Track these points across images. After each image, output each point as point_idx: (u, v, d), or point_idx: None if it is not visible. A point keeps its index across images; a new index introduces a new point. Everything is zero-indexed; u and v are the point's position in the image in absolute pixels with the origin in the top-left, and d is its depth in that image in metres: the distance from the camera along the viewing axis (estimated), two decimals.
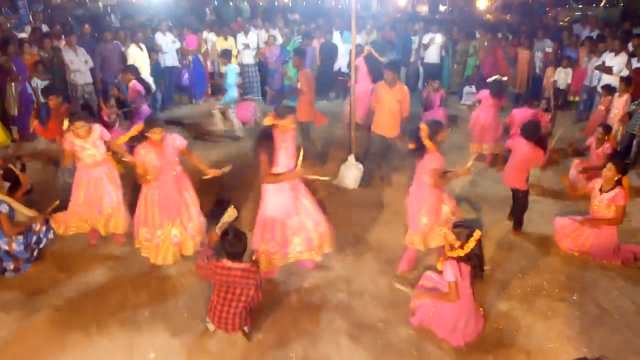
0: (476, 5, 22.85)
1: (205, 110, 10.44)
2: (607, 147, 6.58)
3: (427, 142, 4.56)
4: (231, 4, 17.09)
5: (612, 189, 5.08)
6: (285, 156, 4.47)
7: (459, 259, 3.89)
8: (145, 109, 7.10)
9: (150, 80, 9.37)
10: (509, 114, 7.63)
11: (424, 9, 19.93)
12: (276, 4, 18.48)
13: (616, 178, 5.07)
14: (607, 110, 8.17)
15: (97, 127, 5.11)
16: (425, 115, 9.03)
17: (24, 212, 4.97)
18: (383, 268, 5.05)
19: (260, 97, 10.90)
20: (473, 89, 10.94)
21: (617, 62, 8.76)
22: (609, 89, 8.27)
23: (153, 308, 4.46)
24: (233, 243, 3.79)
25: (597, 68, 9.13)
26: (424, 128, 4.56)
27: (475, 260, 3.89)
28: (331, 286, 4.78)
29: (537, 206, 6.27)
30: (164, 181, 4.80)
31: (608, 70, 8.81)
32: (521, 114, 7.26)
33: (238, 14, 14.80)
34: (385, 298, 4.62)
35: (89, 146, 5.02)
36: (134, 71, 7.17)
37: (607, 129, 6.67)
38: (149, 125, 4.67)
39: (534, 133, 5.40)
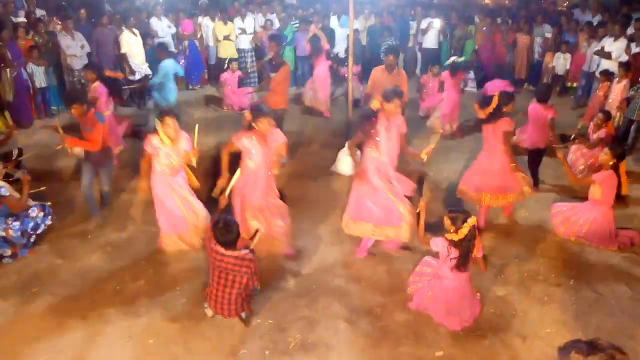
0: None
1: (201, 95, 10.39)
2: (602, 131, 6.58)
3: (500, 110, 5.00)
4: None
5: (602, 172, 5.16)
6: (388, 143, 4.46)
7: (452, 243, 3.92)
8: (106, 114, 6.04)
9: (145, 66, 9.31)
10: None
11: None
12: None
13: (611, 163, 5.09)
14: (606, 96, 8.14)
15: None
16: (424, 101, 9.00)
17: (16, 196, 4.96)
18: (380, 254, 5.06)
19: (257, 83, 10.82)
20: (471, 74, 10.89)
21: (616, 47, 8.70)
22: (607, 75, 8.24)
23: (151, 294, 4.47)
24: (223, 232, 3.74)
25: (596, 53, 9.08)
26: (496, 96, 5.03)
27: (465, 247, 3.90)
28: (329, 271, 4.80)
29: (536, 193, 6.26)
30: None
31: (607, 56, 8.76)
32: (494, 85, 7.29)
33: None
34: (382, 283, 4.64)
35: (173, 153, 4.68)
36: (98, 70, 6.67)
37: (607, 115, 6.68)
38: (256, 115, 4.46)
39: (546, 95, 6.21)
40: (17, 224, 4.80)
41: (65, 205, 5.80)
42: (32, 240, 5.00)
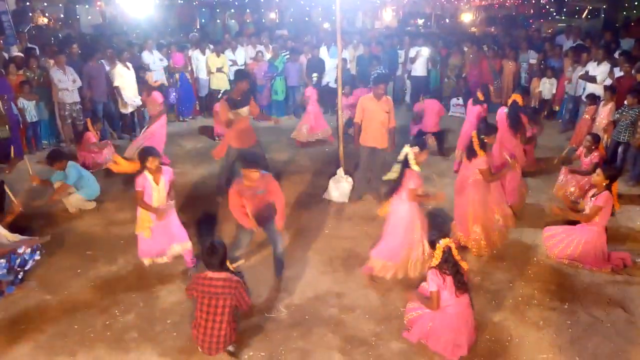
0: (461, 18, 23.19)
1: (193, 127, 10.45)
2: (594, 156, 6.67)
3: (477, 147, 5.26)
4: (218, 21, 17.24)
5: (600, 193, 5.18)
6: None
7: (439, 268, 3.90)
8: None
9: (138, 98, 9.38)
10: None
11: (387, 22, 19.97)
12: (263, 20, 18.61)
13: (604, 184, 5.14)
14: (593, 119, 8.27)
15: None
16: (414, 126, 9.05)
17: (8, 237, 4.91)
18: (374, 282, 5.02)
19: None
20: (460, 100, 11.05)
21: (600, 71, 8.90)
22: (594, 98, 8.39)
23: (141, 328, 4.38)
24: (210, 253, 3.77)
25: (581, 77, 9.27)
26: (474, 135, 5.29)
27: (451, 269, 3.90)
28: (322, 301, 4.74)
29: (525, 215, 6.29)
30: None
31: (592, 80, 8.94)
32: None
33: (226, 31, 14.91)
34: (377, 312, 4.58)
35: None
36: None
37: (596, 138, 6.80)
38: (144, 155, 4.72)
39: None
40: (3, 261, 4.71)
41: (54, 240, 5.73)
42: (19, 277, 4.91)
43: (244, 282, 3.91)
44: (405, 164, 4.88)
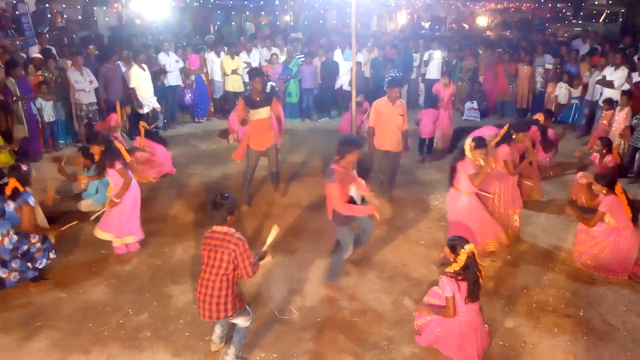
0: (476, 22, 23.07)
1: (207, 128, 10.52)
2: (609, 160, 6.59)
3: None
4: (234, 23, 17.36)
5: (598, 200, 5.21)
6: None
7: (456, 274, 3.87)
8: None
9: (154, 99, 9.51)
10: None
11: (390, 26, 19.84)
12: (278, 23, 18.70)
13: (604, 191, 5.10)
14: (610, 124, 8.18)
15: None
16: (428, 113, 8.77)
17: (40, 219, 5.01)
18: (386, 286, 5.00)
19: None
20: (474, 104, 10.99)
21: (617, 76, 8.78)
22: (610, 103, 8.29)
23: (154, 328, 4.42)
24: (213, 206, 3.70)
25: (598, 82, 9.16)
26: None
27: (470, 276, 3.86)
28: (334, 304, 4.73)
29: (540, 221, 6.23)
30: None
31: (609, 85, 8.84)
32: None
33: (241, 33, 15.01)
34: (389, 316, 4.56)
35: None
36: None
37: (606, 141, 6.75)
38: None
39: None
40: (15, 237, 4.77)
41: (70, 239, 5.80)
42: (29, 270, 4.94)
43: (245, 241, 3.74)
44: (462, 154, 5.24)
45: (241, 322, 3.89)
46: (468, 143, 5.18)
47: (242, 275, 3.72)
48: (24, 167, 4.90)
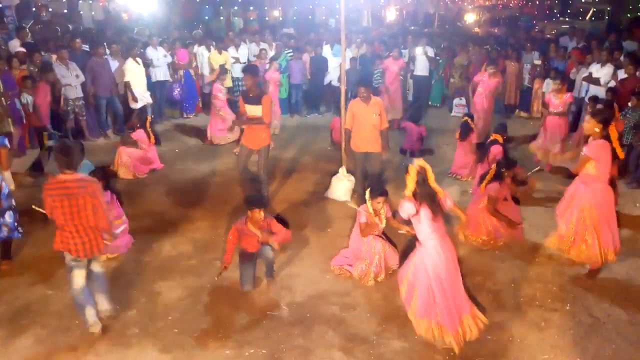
0: (465, 19, 23.17)
1: (196, 124, 10.45)
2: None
3: None
4: (222, 18, 17.22)
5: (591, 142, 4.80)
6: None
7: (415, 196, 3.92)
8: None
9: (147, 94, 9.44)
10: None
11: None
12: (266, 18, 18.60)
13: (597, 129, 4.71)
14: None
15: None
16: (413, 128, 8.84)
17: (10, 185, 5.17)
18: (373, 282, 5.01)
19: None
20: (463, 100, 11.04)
21: (603, 73, 8.87)
22: (595, 101, 8.37)
23: (143, 324, 4.39)
24: (63, 152, 3.82)
25: (584, 79, 9.24)
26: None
27: (427, 192, 3.88)
28: (324, 299, 4.74)
29: (527, 215, 6.27)
30: None
31: (595, 82, 8.92)
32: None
33: (230, 28, 14.90)
34: (378, 311, 4.58)
35: None
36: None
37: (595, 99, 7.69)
38: None
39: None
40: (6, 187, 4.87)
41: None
42: (15, 234, 5.05)
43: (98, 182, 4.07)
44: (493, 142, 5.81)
45: (99, 267, 4.31)
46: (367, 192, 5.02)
47: (96, 208, 3.96)
48: None
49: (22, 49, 9.08)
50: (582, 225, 4.90)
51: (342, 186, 6.88)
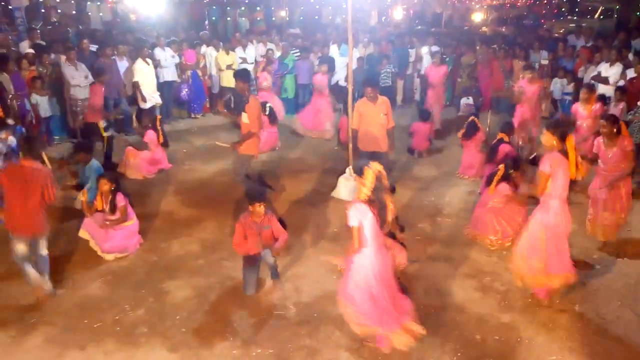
0: (472, 18, 23.07)
1: (203, 124, 10.49)
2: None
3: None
4: (229, 19, 17.26)
5: (616, 141, 5.13)
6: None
7: (368, 202, 3.78)
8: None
9: (157, 94, 9.50)
10: None
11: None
12: (273, 18, 18.62)
13: (553, 142, 4.41)
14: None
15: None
16: (421, 127, 8.83)
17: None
18: None
19: None
20: (470, 100, 11.00)
21: (612, 72, 8.82)
22: (604, 99, 8.30)
23: (151, 324, 4.41)
24: (28, 141, 4.57)
25: (593, 78, 9.19)
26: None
27: (378, 199, 3.76)
28: (330, 300, 4.73)
29: None
30: None
31: (604, 81, 8.86)
32: None
33: (236, 28, 14.94)
34: None
35: None
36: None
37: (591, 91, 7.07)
38: None
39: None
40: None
41: (65, 235, 5.79)
42: None
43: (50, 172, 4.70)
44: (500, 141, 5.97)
45: (44, 249, 4.74)
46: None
47: (48, 196, 4.51)
48: None
49: (32, 51, 9.16)
50: (531, 245, 4.53)
51: (349, 186, 6.87)
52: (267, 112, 8.65)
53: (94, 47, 10.03)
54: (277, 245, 4.80)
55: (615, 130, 5.13)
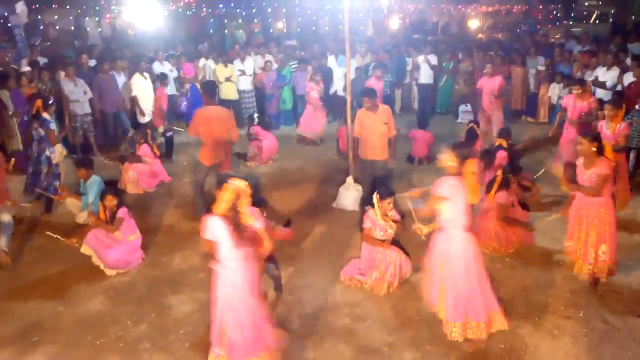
0: (468, 25, 23.18)
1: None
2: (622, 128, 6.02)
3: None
4: (226, 31, 17.37)
5: (596, 163, 4.63)
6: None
7: (222, 217, 3.63)
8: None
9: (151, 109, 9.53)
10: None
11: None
12: (271, 30, 18.72)
13: (593, 149, 4.57)
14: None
15: None
16: (420, 135, 8.84)
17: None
18: (386, 292, 4.99)
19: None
20: (468, 107, 11.02)
21: (609, 76, 8.85)
22: (601, 104, 8.31)
23: (154, 339, 4.39)
24: None
25: (592, 83, 9.21)
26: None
27: (233, 222, 3.61)
28: (334, 311, 4.72)
29: (538, 222, 6.23)
30: None
31: (602, 85, 8.89)
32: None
33: (234, 41, 15.02)
34: (389, 322, 4.55)
35: None
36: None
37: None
38: None
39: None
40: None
41: (66, 250, 5.77)
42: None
43: None
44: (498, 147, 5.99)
45: (7, 217, 5.36)
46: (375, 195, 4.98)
47: None
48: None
49: (28, 68, 9.20)
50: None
51: (350, 196, 6.87)
52: (255, 122, 8.75)
53: (92, 63, 10.08)
54: (278, 234, 4.77)
55: (594, 149, 4.61)
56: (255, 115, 9.38)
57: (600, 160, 4.64)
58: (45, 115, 6.49)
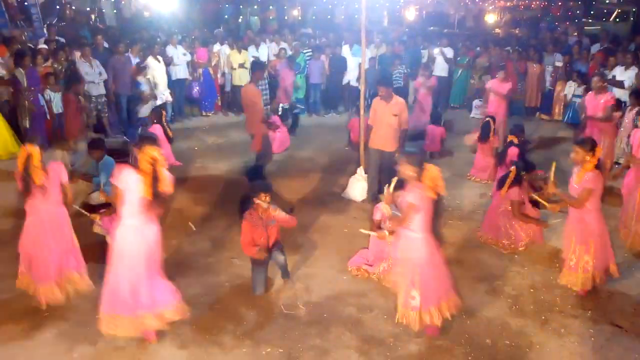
0: (485, 19, 22.92)
1: (215, 122, 10.52)
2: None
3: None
4: (241, 17, 17.31)
5: (585, 174, 4.43)
6: None
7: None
8: None
9: (167, 92, 9.55)
10: None
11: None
12: (286, 17, 18.64)
13: (588, 158, 4.40)
14: (617, 125, 8.08)
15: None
16: (434, 130, 8.82)
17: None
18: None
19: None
20: (482, 102, 10.92)
21: (627, 76, 8.72)
22: (619, 104, 8.19)
23: None
24: None
25: (608, 82, 9.07)
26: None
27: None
28: (341, 300, 4.73)
29: (548, 220, 6.18)
30: None
31: (619, 84, 8.76)
32: None
33: (248, 27, 14.98)
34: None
35: None
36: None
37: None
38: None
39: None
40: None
41: (76, 229, 5.81)
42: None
43: None
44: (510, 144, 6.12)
45: None
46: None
47: None
48: None
49: (45, 46, 9.24)
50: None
51: (359, 186, 6.86)
52: (279, 113, 8.78)
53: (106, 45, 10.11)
54: (281, 219, 4.80)
55: (588, 158, 4.40)
56: (281, 105, 9.40)
57: (589, 174, 4.40)
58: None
